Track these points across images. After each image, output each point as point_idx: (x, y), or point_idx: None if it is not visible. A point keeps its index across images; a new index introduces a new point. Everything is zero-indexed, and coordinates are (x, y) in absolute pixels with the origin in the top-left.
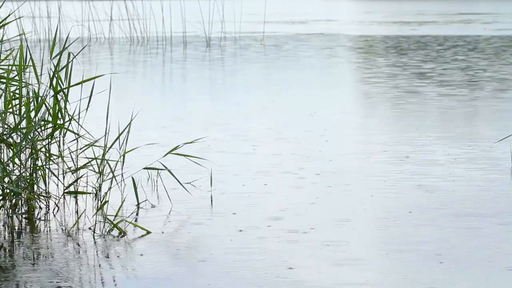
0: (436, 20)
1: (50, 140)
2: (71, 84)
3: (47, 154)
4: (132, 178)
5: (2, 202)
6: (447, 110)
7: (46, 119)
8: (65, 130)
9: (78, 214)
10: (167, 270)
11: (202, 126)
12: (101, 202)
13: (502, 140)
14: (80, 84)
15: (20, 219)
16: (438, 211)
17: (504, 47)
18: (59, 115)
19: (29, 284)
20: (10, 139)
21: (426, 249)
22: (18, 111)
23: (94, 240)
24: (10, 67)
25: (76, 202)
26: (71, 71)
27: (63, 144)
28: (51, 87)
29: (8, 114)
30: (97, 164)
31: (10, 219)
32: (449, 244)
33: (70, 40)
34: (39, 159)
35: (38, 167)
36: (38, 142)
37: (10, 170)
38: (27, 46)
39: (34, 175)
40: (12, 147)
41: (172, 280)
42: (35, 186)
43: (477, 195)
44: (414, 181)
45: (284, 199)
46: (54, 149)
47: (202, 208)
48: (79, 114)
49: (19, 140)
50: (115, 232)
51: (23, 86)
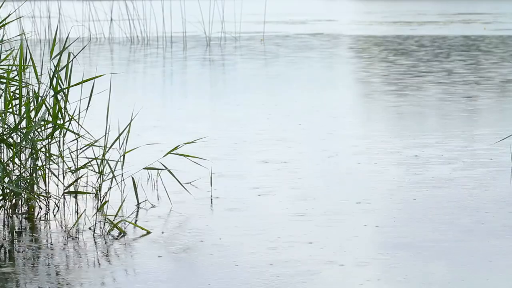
0: (436, 20)
1: (50, 140)
2: (71, 84)
3: (47, 154)
4: (132, 178)
5: (2, 202)
6: (447, 110)
7: (46, 119)
8: (65, 130)
9: (78, 214)
10: (167, 270)
11: (202, 126)
12: (101, 202)
13: (502, 140)
14: (80, 84)
15: (20, 219)
16: (438, 211)
17: (504, 47)
18: (59, 115)
19: (29, 284)
20: (10, 139)
21: (426, 249)
22: (18, 111)
23: (94, 240)
24: (10, 67)
25: (76, 202)
26: (71, 71)
27: (63, 144)
28: (51, 87)
29: (8, 114)
30: (97, 164)
31: (10, 219)
32: (449, 244)
33: (70, 40)
34: (39, 159)
35: (38, 167)
36: (38, 142)
37: (10, 170)
38: (27, 46)
39: (34, 175)
40: (12, 147)
41: (172, 280)
42: (35, 186)
43: (477, 195)
44: (414, 180)
45: (285, 199)
46: (54, 149)
47: (202, 208)
48: (79, 114)
49: (19, 140)
50: (115, 232)
51: (23, 86)
